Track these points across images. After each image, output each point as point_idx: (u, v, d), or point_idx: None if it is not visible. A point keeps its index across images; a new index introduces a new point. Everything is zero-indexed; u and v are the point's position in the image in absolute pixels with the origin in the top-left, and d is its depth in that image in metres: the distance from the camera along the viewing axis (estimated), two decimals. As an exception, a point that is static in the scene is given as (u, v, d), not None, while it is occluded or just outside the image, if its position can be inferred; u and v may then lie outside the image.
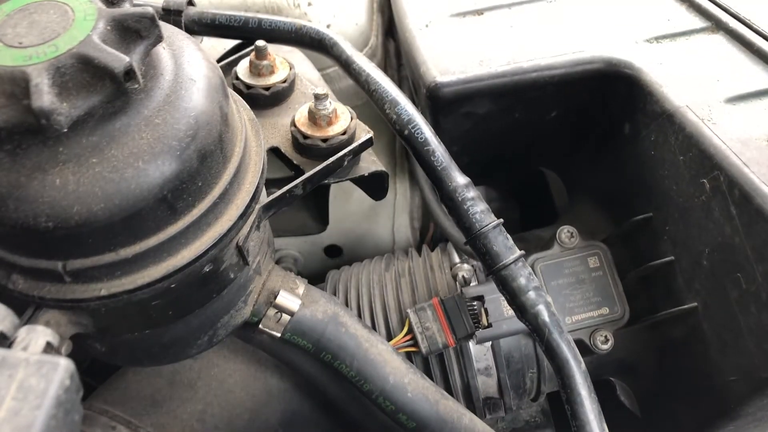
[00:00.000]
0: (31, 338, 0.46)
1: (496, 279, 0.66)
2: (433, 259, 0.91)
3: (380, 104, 0.72)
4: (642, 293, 0.85)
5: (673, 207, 0.78)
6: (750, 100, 0.77)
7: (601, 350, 0.82)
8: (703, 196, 0.72)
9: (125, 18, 0.46)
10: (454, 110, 0.85)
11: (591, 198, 0.98)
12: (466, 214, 0.67)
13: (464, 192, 0.67)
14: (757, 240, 0.65)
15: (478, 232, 0.66)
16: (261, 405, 0.75)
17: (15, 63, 0.43)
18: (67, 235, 0.45)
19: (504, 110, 0.87)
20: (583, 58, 0.84)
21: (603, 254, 0.88)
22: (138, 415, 0.69)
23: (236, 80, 0.71)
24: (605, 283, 0.86)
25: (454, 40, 0.89)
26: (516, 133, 0.93)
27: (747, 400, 0.68)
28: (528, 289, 0.64)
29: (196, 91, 0.50)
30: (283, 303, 0.64)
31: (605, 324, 0.84)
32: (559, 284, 0.86)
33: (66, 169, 0.44)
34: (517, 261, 0.65)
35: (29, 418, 0.34)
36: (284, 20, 0.79)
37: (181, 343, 0.60)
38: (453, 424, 0.71)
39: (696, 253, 0.74)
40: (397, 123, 0.70)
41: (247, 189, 0.55)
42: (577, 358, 0.63)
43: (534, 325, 0.64)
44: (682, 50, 0.85)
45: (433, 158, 0.68)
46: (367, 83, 0.73)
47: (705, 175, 0.72)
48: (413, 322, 0.79)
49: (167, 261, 0.50)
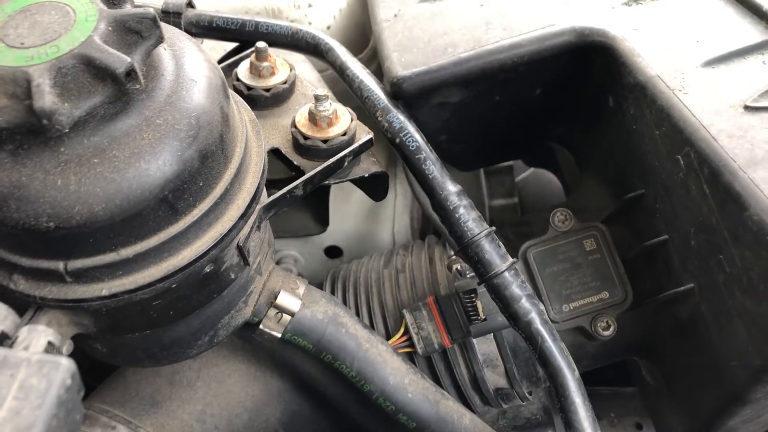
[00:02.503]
0: (33, 338, 0.46)
1: (488, 287, 0.66)
2: (432, 253, 0.90)
3: (372, 111, 0.72)
4: (645, 274, 0.80)
5: (659, 184, 0.73)
6: (731, 60, 0.70)
7: (603, 336, 0.79)
8: (681, 173, 0.67)
9: (126, 19, 0.46)
10: (424, 103, 0.79)
11: (596, 174, 0.91)
12: (457, 222, 0.67)
13: (456, 200, 0.67)
14: (730, 221, 0.61)
15: (470, 241, 0.66)
16: (261, 405, 0.75)
17: (17, 63, 0.43)
18: (69, 235, 0.46)
19: (480, 95, 0.81)
20: (550, 32, 0.76)
21: (600, 236, 0.82)
22: (138, 415, 0.69)
23: (237, 81, 0.71)
24: (604, 266, 0.81)
25: (422, 27, 0.82)
26: (503, 114, 0.87)
27: (750, 386, 0.64)
28: (520, 298, 0.64)
29: (197, 91, 0.51)
30: (284, 303, 0.64)
31: (607, 309, 0.80)
32: (553, 271, 0.82)
33: (67, 169, 0.45)
34: (509, 269, 0.65)
35: (30, 417, 0.35)
36: (281, 24, 0.79)
37: (182, 343, 0.60)
38: (453, 425, 0.71)
39: (684, 232, 0.70)
40: (389, 131, 0.71)
41: (248, 189, 0.55)
42: (571, 366, 0.63)
43: (527, 333, 0.64)
44: (662, 10, 0.77)
45: (424, 167, 0.69)
46: (360, 90, 0.73)
47: (679, 151, 0.66)
48: (409, 323, 0.78)
49: (168, 261, 0.50)
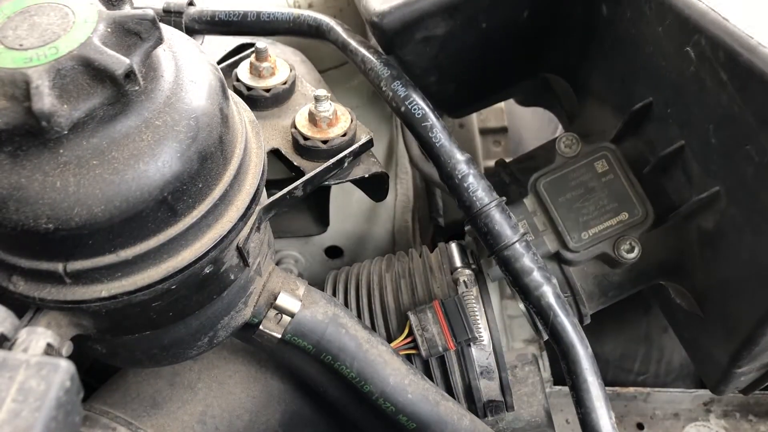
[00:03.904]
0: (32, 340, 0.46)
1: (498, 260, 0.64)
2: (433, 260, 0.90)
3: (376, 82, 0.71)
4: (663, 187, 0.76)
5: (668, 86, 0.69)
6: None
7: (627, 259, 0.75)
8: (692, 67, 0.63)
9: (126, 20, 0.46)
10: (409, 39, 0.75)
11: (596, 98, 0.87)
12: (466, 192, 0.65)
13: (464, 169, 0.65)
14: (755, 103, 0.57)
15: (479, 211, 0.64)
16: (261, 406, 0.75)
17: (16, 65, 0.43)
18: (68, 236, 0.45)
19: (465, 24, 0.76)
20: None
21: (611, 155, 0.78)
22: (138, 417, 0.69)
23: (237, 82, 0.71)
24: (619, 186, 0.77)
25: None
26: (492, 44, 0.82)
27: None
28: (532, 270, 0.62)
29: (197, 93, 0.51)
30: (284, 304, 0.64)
31: (628, 230, 0.76)
32: (567, 199, 0.78)
33: (66, 170, 0.45)
34: (520, 240, 0.63)
35: (29, 419, 0.35)
36: (282, 11, 0.79)
37: (182, 344, 0.60)
38: (453, 425, 0.71)
39: (702, 132, 0.65)
40: (394, 99, 0.69)
41: (248, 190, 0.55)
42: (584, 342, 0.60)
43: (538, 307, 0.62)
44: None
45: (431, 134, 0.67)
46: (363, 63, 0.72)
47: (687, 42, 0.62)
48: (413, 325, 0.78)
49: (167, 262, 0.50)
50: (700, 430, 1.14)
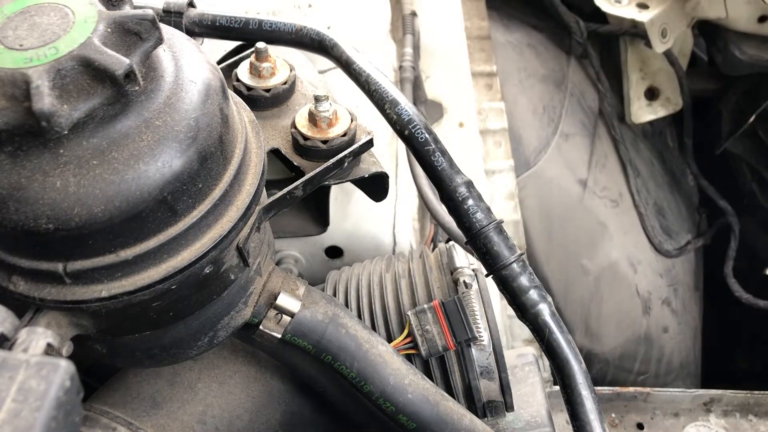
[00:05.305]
0: (32, 340, 0.46)
1: (496, 279, 0.66)
2: (432, 260, 0.90)
3: (380, 105, 0.71)
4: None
5: None
6: None
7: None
8: None
9: (126, 20, 0.46)
10: None
11: None
12: (466, 214, 0.66)
13: (464, 192, 0.67)
14: None
15: (478, 232, 0.66)
16: (261, 406, 0.75)
17: (15, 65, 0.43)
18: (68, 236, 0.45)
19: None
20: None
21: None
22: (138, 417, 0.69)
23: (237, 82, 0.71)
24: None
25: None
26: None
27: None
28: (528, 289, 0.64)
29: (197, 92, 0.51)
30: (284, 304, 0.64)
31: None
32: None
33: (66, 170, 0.45)
34: (517, 261, 0.65)
35: (29, 419, 0.35)
36: (285, 21, 0.78)
37: (182, 344, 0.60)
38: (453, 426, 0.71)
39: None
40: (398, 123, 0.70)
41: (248, 190, 0.55)
42: (578, 357, 0.63)
43: (534, 324, 0.64)
44: None
45: (433, 158, 0.68)
46: (367, 83, 0.73)
47: None
48: (413, 325, 0.79)
49: (167, 262, 0.50)
50: (700, 430, 1.14)
